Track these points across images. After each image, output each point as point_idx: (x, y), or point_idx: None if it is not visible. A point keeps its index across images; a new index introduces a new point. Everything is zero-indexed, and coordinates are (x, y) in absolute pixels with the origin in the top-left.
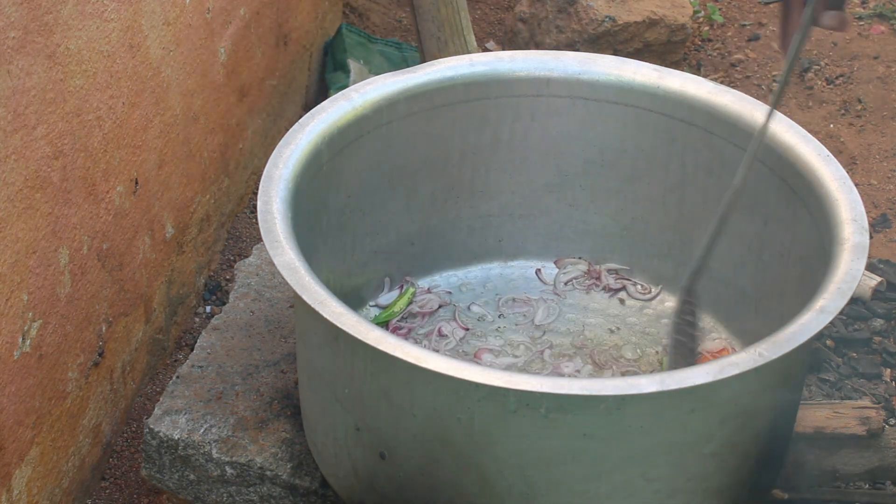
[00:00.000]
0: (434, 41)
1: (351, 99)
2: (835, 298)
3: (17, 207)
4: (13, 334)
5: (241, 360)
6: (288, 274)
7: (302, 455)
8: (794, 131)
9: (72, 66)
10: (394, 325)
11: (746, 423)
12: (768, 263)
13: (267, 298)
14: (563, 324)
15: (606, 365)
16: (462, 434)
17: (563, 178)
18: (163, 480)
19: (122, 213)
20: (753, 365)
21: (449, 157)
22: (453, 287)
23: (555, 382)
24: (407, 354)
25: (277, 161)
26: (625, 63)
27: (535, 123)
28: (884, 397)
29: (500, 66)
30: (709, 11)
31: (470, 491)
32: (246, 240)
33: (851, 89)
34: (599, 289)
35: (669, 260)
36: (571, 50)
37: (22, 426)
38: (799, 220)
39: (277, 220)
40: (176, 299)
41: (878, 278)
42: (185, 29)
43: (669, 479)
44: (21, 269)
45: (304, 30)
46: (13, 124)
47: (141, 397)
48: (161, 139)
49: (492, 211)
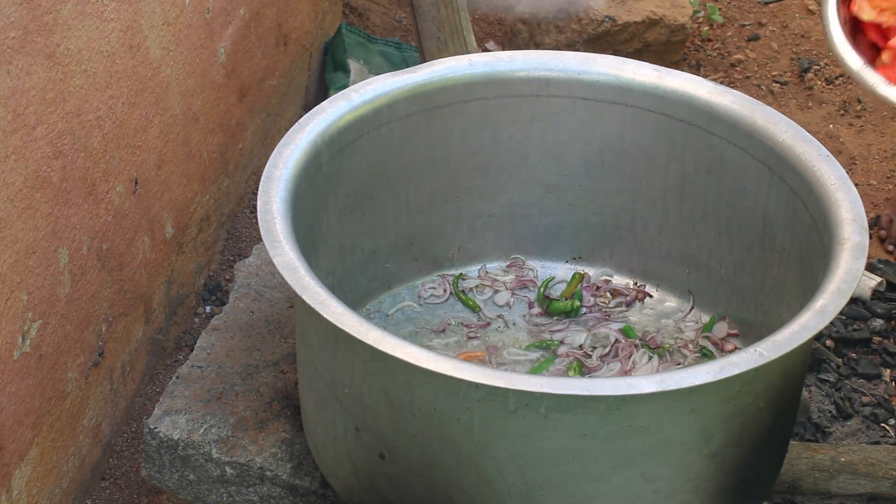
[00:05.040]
0: (434, 41)
1: (351, 99)
2: (835, 298)
3: (17, 207)
4: (13, 334)
5: (240, 360)
6: (288, 274)
7: (302, 455)
8: (794, 131)
9: (72, 66)
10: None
11: (746, 423)
12: (768, 263)
13: (267, 298)
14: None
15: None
16: (462, 434)
17: (563, 178)
18: (163, 480)
19: (121, 214)
20: (753, 365)
21: (449, 157)
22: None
23: (555, 382)
24: (407, 354)
25: (277, 161)
26: (625, 63)
27: (534, 123)
28: (883, 397)
29: (500, 66)
30: (708, 11)
31: (470, 491)
32: (246, 240)
33: (851, 89)
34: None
35: (669, 260)
36: (571, 50)
37: (22, 426)
38: (799, 220)
39: (277, 220)
40: (176, 299)
41: (878, 278)
42: (185, 29)
43: (669, 479)
44: (21, 269)
45: (304, 30)
46: (13, 124)
47: (141, 397)
48: (161, 139)
49: (492, 211)
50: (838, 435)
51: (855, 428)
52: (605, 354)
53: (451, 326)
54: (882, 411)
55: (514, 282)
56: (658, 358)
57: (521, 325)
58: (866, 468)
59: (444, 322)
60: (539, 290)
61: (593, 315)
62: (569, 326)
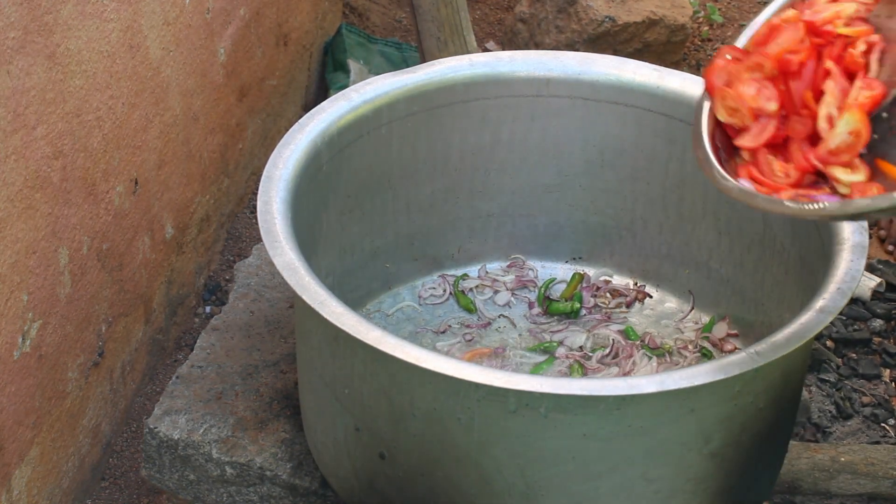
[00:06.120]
0: (434, 41)
1: (350, 99)
2: (835, 298)
3: (17, 207)
4: (13, 334)
5: (240, 360)
6: (288, 274)
7: (302, 455)
8: None
9: (72, 67)
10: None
11: (746, 423)
12: (768, 263)
13: (267, 298)
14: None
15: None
16: (462, 434)
17: (563, 178)
18: (163, 480)
19: (121, 214)
20: (753, 365)
21: (449, 157)
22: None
23: (555, 383)
24: (407, 354)
25: (277, 161)
26: (624, 63)
27: (534, 123)
28: (883, 397)
29: (500, 66)
30: (708, 11)
31: (470, 491)
32: (246, 240)
33: None
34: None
35: (669, 260)
36: (571, 50)
37: (22, 426)
38: (799, 219)
39: (277, 220)
40: (176, 299)
41: (878, 278)
42: (185, 29)
43: (669, 480)
44: (21, 269)
45: (304, 30)
46: (13, 124)
47: (141, 397)
48: (161, 139)
49: (492, 211)
50: (838, 435)
51: (855, 428)
52: (605, 356)
53: (451, 328)
54: (882, 411)
55: (514, 282)
56: (658, 358)
57: (521, 325)
58: (866, 468)
59: (445, 323)
60: (540, 291)
61: (593, 316)
62: (568, 327)
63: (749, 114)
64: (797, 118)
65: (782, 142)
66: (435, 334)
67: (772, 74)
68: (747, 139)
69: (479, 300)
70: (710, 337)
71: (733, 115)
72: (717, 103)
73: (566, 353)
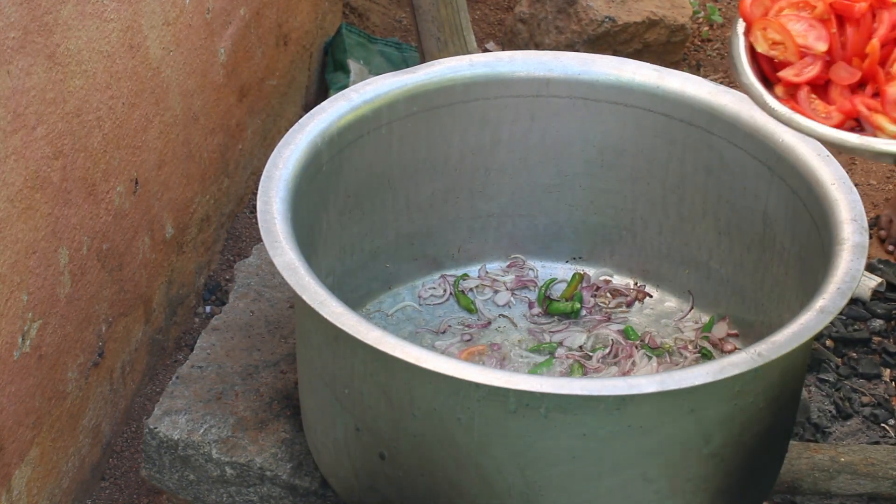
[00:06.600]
0: (434, 41)
1: (351, 99)
2: (835, 298)
3: (17, 207)
4: (13, 334)
5: (240, 360)
6: (288, 274)
7: (302, 455)
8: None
9: (72, 67)
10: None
11: (746, 423)
12: (768, 263)
13: (267, 298)
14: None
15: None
16: (462, 434)
17: (563, 178)
18: (162, 480)
19: (121, 214)
20: (753, 365)
21: (449, 157)
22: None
23: (555, 382)
24: (407, 354)
25: (277, 161)
26: (624, 63)
27: (534, 124)
28: (883, 397)
29: (500, 66)
30: (708, 12)
31: (470, 491)
32: (246, 240)
33: None
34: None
35: (669, 260)
36: (571, 50)
37: (22, 426)
38: (799, 220)
39: (277, 220)
40: (176, 299)
41: (878, 278)
42: (185, 29)
43: (669, 480)
44: (21, 269)
45: (304, 30)
46: (13, 124)
47: (141, 397)
48: (161, 139)
49: (492, 211)
50: (838, 435)
51: (855, 428)
52: (605, 356)
53: (451, 328)
54: (882, 411)
55: (514, 282)
56: (658, 358)
57: (521, 325)
58: (866, 468)
59: (445, 323)
60: (540, 291)
61: (593, 316)
62: (568, 327)
63: (795, 50)
64: (843, 65)
65: (823, 84)
66: (435, 334)
67: (823, 16)
68: (791, 73)
69: (479, 300)
70: (710, 337)
71: (774, 47)
72: (758, 33)
73: (566, 353)
